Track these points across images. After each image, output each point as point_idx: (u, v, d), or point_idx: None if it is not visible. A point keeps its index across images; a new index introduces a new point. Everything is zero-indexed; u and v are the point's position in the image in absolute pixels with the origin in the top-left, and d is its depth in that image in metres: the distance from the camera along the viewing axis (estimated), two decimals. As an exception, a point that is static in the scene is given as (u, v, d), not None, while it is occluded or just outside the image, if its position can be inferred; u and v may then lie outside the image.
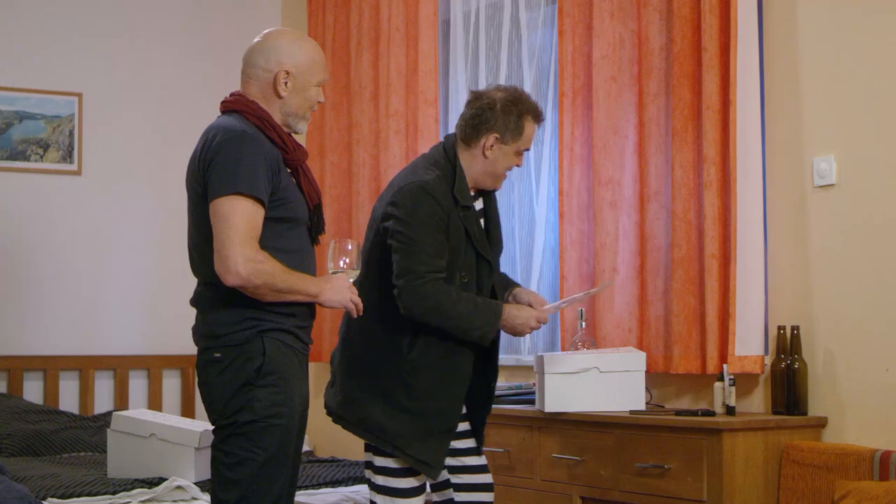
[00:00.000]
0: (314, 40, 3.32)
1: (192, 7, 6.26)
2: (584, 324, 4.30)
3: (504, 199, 5.06)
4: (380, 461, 3.48)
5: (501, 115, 3.43)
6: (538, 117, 3.52)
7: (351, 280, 3.13)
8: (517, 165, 3.54)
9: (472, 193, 3.50)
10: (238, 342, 3.02)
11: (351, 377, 3.50)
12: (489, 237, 3.53)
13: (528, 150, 3.56)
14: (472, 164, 3.47)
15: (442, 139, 3.65)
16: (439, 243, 3.36)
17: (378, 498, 3.49)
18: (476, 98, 3.51)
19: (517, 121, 3.45)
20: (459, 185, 3.42)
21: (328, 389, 3.60)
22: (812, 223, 3.91)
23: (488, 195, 3.59)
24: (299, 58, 3.15)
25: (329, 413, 3.56)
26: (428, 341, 3.41)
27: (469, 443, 3.61)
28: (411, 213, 3.35)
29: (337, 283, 3.10)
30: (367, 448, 3.54)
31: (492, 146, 3.45)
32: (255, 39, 3.21)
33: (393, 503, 3.46)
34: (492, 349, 3.55)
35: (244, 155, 2.99)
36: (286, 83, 3.13)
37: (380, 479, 3.49)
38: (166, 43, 6.18)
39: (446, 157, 3.48)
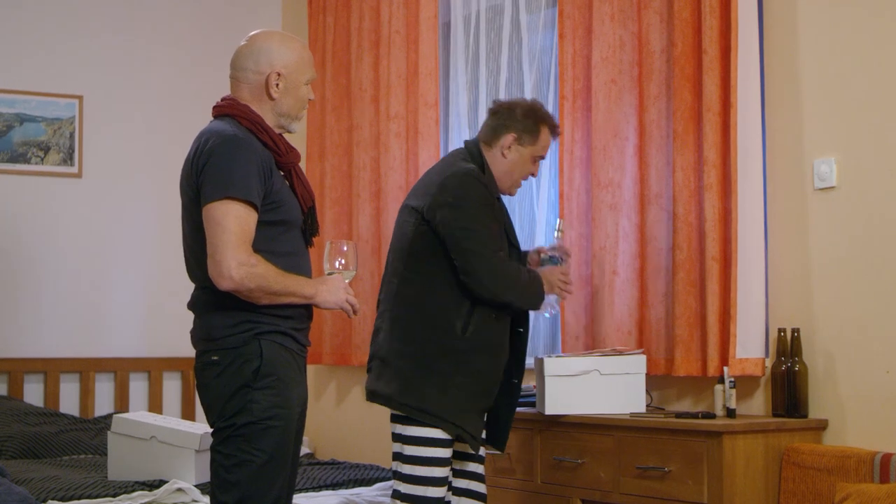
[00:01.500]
0: (300, 38, 3.33)
1: (192, 10, 6.27)
2: (559, 234, 4.10)
3: (504, 201, 5.06)
4: (415, 431, 3.55)
5: (521, 117, 3.72)
6: (554, 129, 3.80)
7: (346, 281, 3.13)
8: (532, 175, 3.81)
9: None
10: (235, 345, 3.03)
11: (406, 363, 3.59)
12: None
13: (542, 157, 3.81)
14: (494, 164, 3.71)
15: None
16: (494, 225, 3.61)
17: (405, 468, 3.56)
18: (498, 105, 3.81)
19: (534, 125, 3.72)
20: (490, 179, 3.67)
21: (375, 381, 3.64)
22: (813, 225, 3.91)
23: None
24: (289, 58, 3.16)
25: (384, 401, 3.61)
26: (479, 321, 3.57)
27: (479, 450, 3.71)
28: (464, 198, 3.57)
29: (333, 285, 3.10)
30: (396, 419, 3.63)
31: (510, 146, 3.71)
32: (241, 43, 3.21)
33: (430, 472, 3.53)
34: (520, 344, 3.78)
35: (237, 159, 3.00)
36: (278, 84, 3.14)
37: (410, 450, 3.56)
38: (167, 46, 6.18)
39: (472, 156, 3.70)
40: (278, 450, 3.03)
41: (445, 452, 3.57)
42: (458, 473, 3.71)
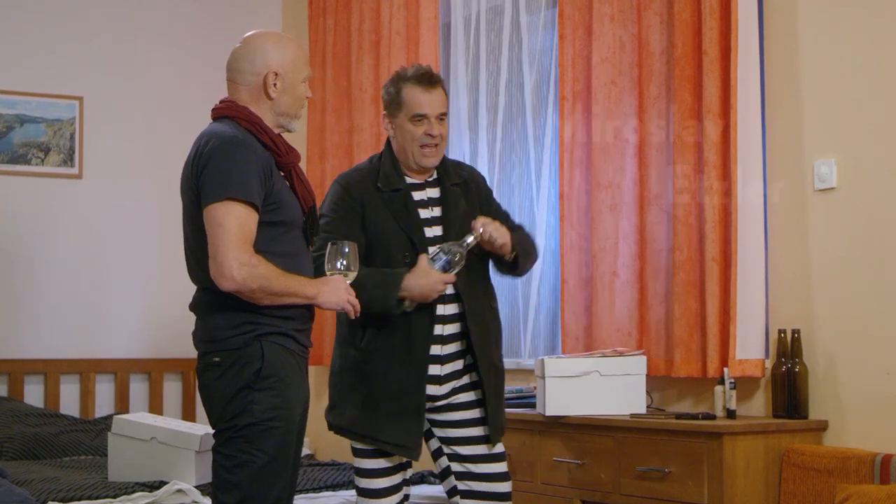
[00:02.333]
0: (294, 38, 3.34)
1: (192, 11, 6.27)
2: (474, 237, 3.50)
3: (505, 203, 5.05)
4: (355, 443, 3.57)
5: (384, 96, 3.62)
6: (420, 80, 3.57)
7: (348, 282, 3.14)
8: (428, 134, 3.55)
9: (415, 179, 3.59)
10: (236, 346, 3.03)
11: (331, 381, 3.63)
12: (447, 219, 3.55)
13: (426, 114, 3.54)
14: (395, 147, 3.61)
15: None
16: (342, 227, 3.48)
17: (356, 479, 3.59)
18: None
19: (393, 91, 3.59)
20: (383, 172, 3.57)
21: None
22: (813, 226, 3.91)
23: (444, 183, 3.61)
24: (285, 57, 3.17)
25: (328, 427, 3.65)
26: (376, 326, 3.47)
27: (479, 449, 3.55)
28: (323, 205, 3.58)
29: (334, 285, 3.11)
30: None
31: (388, 126, 3.62)
32: (236, 45, 3.22)
33: (368, 483, 3.53)
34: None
35: (236, 160, 3.01)
36: (275, 84, 3.15)
37: (356, 462, 3.57)
38: (167, 46, 6.18)
39: (383, 152, 3.65)
40: (279, 451, 3.03)
41: (380, 463, 3.52)
42: (463, 476, 3.58)
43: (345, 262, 3.15)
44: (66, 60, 5.94)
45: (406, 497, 3.60)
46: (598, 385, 4.02)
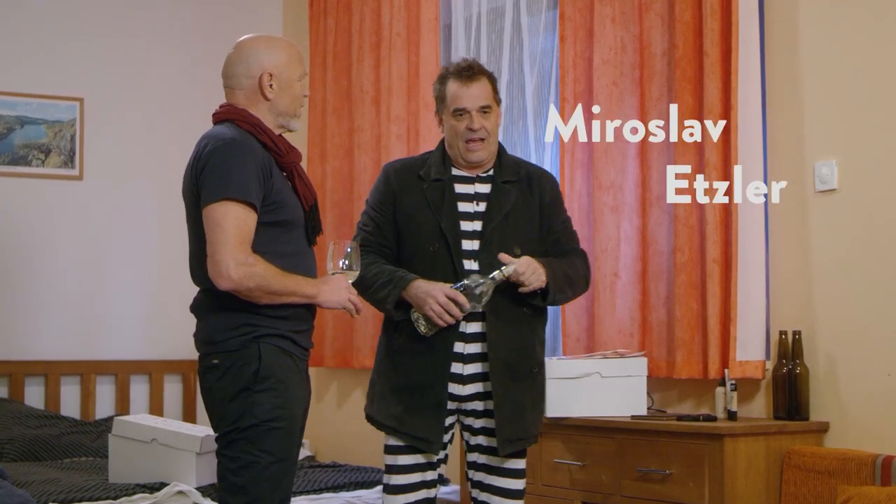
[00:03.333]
0: (286, 38, 3.36)
1: (193, 13, 6.27)
2: (501, 274, 3.43)
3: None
4: (386, 439, 3.55)
5: (433, 93, 3.64)
6: (459, 74, 3.56)
7: (350, 281, 3.14)
8: (470, 129, 3.51)
9: (465, 172, 3.56)
10: (234, 348, 3.04)
11: (373, 377, 3.62)
12: (488, 215, 3.51)
13: (466, 108, 3.51)
14: (446, 142, 3.62)
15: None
16: (376, 216, 3.56)
17: (384, 477, 3.56)
18: None
19: (438, 88, 3.61)
20: (430, 163, 3.60)
21: None
22: (814, 228, 3.91)
23: (496, 181, 3.56)
24: (278, 57, 3.19)
25: (366, 418, 3.65)
26: (408, 322, 3.46)
27: (492, 460, 3.52)
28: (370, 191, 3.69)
29: (335, 284, 3.12)
30: None
31: (439, 123, 3.64)
32: (229, 52, 3.24)
33: (388, 479, 3.51)
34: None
35: (234, 161, 3.02)
36: (271, 85, 3.17)
37: (386, 458, 3.54)
38: (167, 47, 6.18)
39: (437, 148, 3.68)
40: (283, 451, 3.04)
41: (406, 459, 3.49)
42: (476, 485, 3.56)
43: (346, 262, 3.15)
44: (66, 61, 5.94)
45: (432, 500, 3.56)
46: (598, 386, 4.02)
